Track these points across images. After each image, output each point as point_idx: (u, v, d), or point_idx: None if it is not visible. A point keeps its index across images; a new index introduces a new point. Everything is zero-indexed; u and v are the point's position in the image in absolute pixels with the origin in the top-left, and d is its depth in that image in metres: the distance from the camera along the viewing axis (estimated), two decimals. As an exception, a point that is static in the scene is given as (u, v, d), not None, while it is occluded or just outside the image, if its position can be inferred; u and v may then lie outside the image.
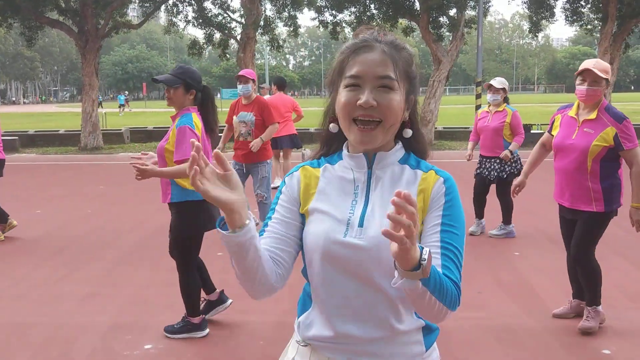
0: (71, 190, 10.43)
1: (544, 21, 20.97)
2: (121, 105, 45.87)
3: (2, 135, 18.13)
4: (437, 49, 18.43)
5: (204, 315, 4.12)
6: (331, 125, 1.49)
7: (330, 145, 1.52)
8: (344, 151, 1.49)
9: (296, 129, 9.94)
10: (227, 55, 21.57)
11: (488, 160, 6.52)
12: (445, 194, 1.41)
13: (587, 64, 3.78)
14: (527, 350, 3.83)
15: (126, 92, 66.28)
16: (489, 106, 6.58)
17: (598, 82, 3.73)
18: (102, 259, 5.99)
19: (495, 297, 4.81)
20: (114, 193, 9.91)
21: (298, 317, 1.54)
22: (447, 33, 19.57)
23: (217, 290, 4.30)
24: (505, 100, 6.49)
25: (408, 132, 1.47)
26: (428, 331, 1.48)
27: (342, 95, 1.39)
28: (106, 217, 8.04)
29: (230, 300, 4.32)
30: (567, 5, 19.92)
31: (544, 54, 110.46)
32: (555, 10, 20.35)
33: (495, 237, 6.57)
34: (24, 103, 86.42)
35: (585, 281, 4.02)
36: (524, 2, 20.10)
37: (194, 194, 3.71)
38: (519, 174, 6.38)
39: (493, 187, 6.67)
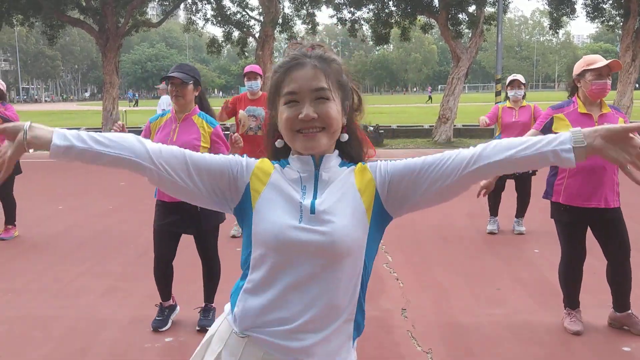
0: (92, 187, 10.56)
1: (564, 17, 20.74)
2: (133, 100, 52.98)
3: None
4: (456, 46, 18.34)
5: None
6: (277, 141, 1.55)
7: (277, 157, 1.58)
8: (291, 156, 1.54)
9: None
10: (246, 54, 21.68)
11: None
12: (383, 165, 1.52)
13: (602, 59, 3.76)
14: (545, 347, 3.80)
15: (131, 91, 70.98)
16: (508, 102, 6.56)
17: (610, 76, 3.74)
18: (123, 254, 6.06)
19: (513, 293, 4.79)
20: (134, 189, 10.01)
21: (233, 310, 1.54)
22: (466, 30, 19.45)
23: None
24: (524, 96, 6.51)
25: (344, 137, 1.55)
26: (356, 326, 1.54)
27: (283, 111, 1.47)
28: (127, 212, 8.12)
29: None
30: (588, 1, 19.68)
31: (565, 51, 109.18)
32: (576, 6, 20.11)
33: (521, 233, 6.54)
34: (45, 101, 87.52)
35: (628, 284, 3.94)
36: (544, -1, 19.89)
37: None
38: (533, 173, 6.40)
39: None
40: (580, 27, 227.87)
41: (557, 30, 20.65)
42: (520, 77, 6.51)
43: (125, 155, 1.45)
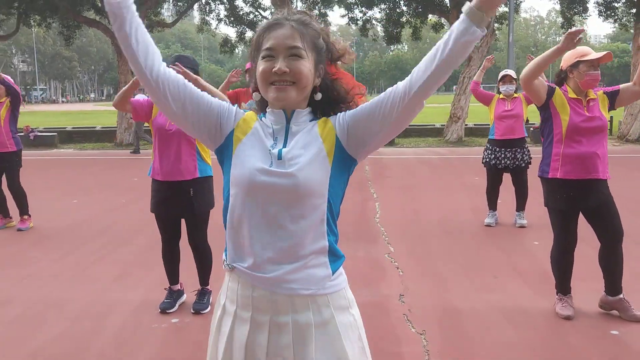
0: (106, 183, 10.82)
1: (577, 17, 20.71)
2: None
3: (42, 132, 18.82)
4: (467, 46, 18.41)
5: None
6: (254, 94, 1.73)
7: (262, 109, 1.76)
8: (267, 109, 1.72)
9: None
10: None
11: (505, 147, 6.61)
12: (341, 115, 1.69)
13: (592, 51, 3.93)
14: (537, 330, 3.94)
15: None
16: (500, 96, 6.73)
17: (597, 66, 3.94)
18: (134, 244, 6.28)
19: (511, 281, 4.92)
20: (146, 185, 10.21)
21: (226, 251, 1.73)
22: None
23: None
24: (515, 91, 6.71)
25: (318, 95, 1.71)
26: (333, 257, 1.68)
27: (260, 65, 1.64)
28: (139, 206, 8.34)
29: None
30: (601, 0, 19.64)
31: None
32: (588, 5, 20.07)
33: (523, 226, 6.68)
34: (62, 102, 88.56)
35: (619, 267, 4.05)
36: (556, -2, 19.86)
37: (211, 169, 4.17)
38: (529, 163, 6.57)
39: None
40: (597, 27, 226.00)
41: (569, 29, 20.57)
42: (511, 73, 6.71)
43: (145, 47, 1.64)
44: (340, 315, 1.66)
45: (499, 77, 6.78)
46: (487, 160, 6.77)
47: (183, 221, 4.36)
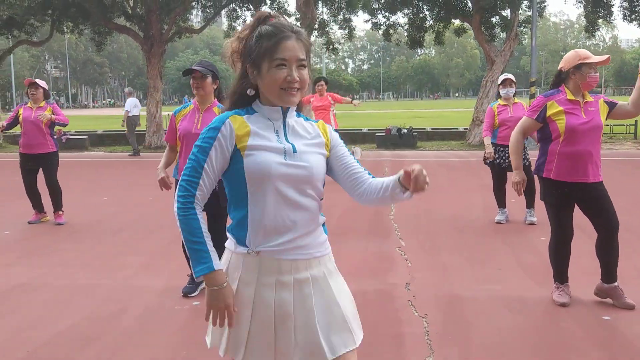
0: (135, 182, 11.28)
1: (601, 20, 20.66)
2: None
3: (74, 135, 19.45)
4: (490, 50, 18.54)
5: None
6: (249, 90, 2.01)
7: (243, 104, 2.04)
8: (260, 106, 2.01)
9: (349, 129, 10.50)
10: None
11: (508, 148, 6.82)
12: (334, 139, 2.13)
13: (592, 55, 4.15)
14: (534, 317, 4.16)
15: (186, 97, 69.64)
16: (501, 100, 6.95)
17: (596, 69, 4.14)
18: (159, 237, 6.64)
19: (513, 274, 5.14)
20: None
21: (236, 240, 2.01)
22: (502, 33, 19.61)
23: None
24: (514, 94, 6.97)
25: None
26: (323, 226, 2.11)
27: (274, 72, 1.91)
28: (165, 202, 8.71)
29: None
30: (625, 4, 19.59)
31: (612, 55, 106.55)
32: (612, 9, 20.01)
33: (533, 223, 6.88)
34: (93, 107, 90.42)
35: (615, 256, 4.27)
36: (579, 2, 19.84)
37: None
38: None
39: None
40: (629, 31, 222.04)
41: (593, 33, 20.56)
42: (511, 76, 7.02)
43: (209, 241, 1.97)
44: (336, 268, 2.12)
45: (499, 81, 7.05)
46: (496, 162, 7.00)
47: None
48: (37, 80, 7.48)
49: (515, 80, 7.03)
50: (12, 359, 3.61)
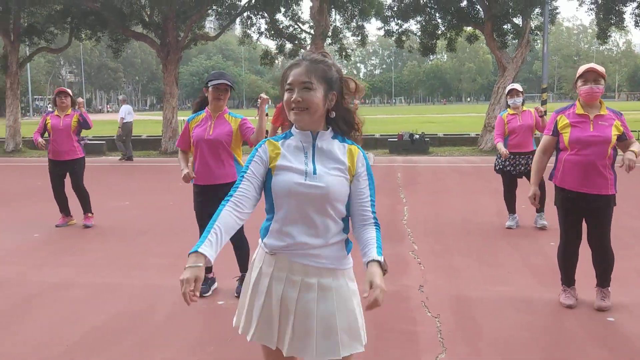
0: (153, 186, 11.60)
1: (613, 27, 20.75)
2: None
3: (91, 140, 19.85)
4: (501, 56, 18.71)
5: None
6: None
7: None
8: (296, 131, 2.29)
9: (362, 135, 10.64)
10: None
11: (519, 156, 7.08)
12: (367, 166, 2.30)
13: (588, 65, 4.33)
14: (540, 317, 4.38)
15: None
16: (510, 109, 7.17)
17: (598, 81, 4.28)
18: (180, 239, 6.93)
19: (522, 276, 5.36)
20: (190, 188, 10.94)
21: (263, 240, 2.32)
22: (514, 40, 19.78)
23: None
24: (523, 102, 7.16)
25: (332, 114, 2.26)
26: (347, 243, 2.32)
27: (285, 96, 2.22)
28: (186, 205, 8.98)
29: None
30: (638, 11, 19.69)
31: (626, 60, 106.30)
32: (624, 15, 20.11)
33: (544, 227, 7.10)
34: (107, 111, 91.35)
35: (606, 264, 4.49)
36: (591, 9, 19.97)
37: None
38: None
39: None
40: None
41: (605, 40, 20.67)
42: (517, 86, 7.24)
43: (232, 231, 2.18)
44: (350, 284, 2.31)
45: (506, 91, 7.28)
46: (501, 167, 7.24)
47: None
48: (64, 89, 7.81)
49: (521, 90, 7.22)
50: (52, 352, 3.89)
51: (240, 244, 4.92)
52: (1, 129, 22.75)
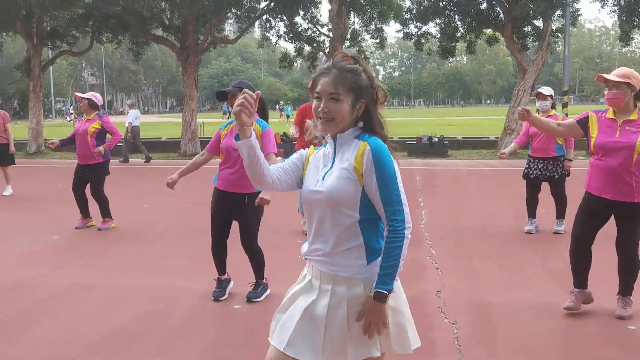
0: (174, 188, 11.63)
1: (636, 29, 20.48)
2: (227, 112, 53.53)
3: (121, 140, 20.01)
4: (521, 59, 18.55)
5: None
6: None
7: None
8: (329, 137, 2.33)
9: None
10: (317, 68, 22.62)
11: (540, 161, 7.00)
12: (373, 158, 2.18)
13: (607, 74, 4.28)
14: (560, 323, 4.33)
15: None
16: (538, 113, 7.08)
17: (617, 86, 4.20)
18: (198, 242, 6.94)
19: (542, 282, 5.30)
20: (208, 191, 10.98)
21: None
22: (535, 42, 19.61)
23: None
24: (553, 106, 7.02)
25: (360, 124, 2.28)
26: (369, 251, 2.25)
27: (313, 103, 2.26)
28: (203, 208, 8.99)
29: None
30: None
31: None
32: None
33: (558, 232, 7.01)
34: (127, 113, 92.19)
35: (630, 272, 4.42)
36: (613, 11, 19.71)
37: None
38: (568, 175, 6.91)
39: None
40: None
41: (628, 42, 20.38)
42: (544, 90, 7.07)
43: (265, 169, 2.26)
44: (366, 293, 2.24)
45: (535, 95, 7.18)
46: (526, 172, 7.16)
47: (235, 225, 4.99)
48: (79, 94, 7.85)
49: (549, 94, 7.02)
50: (71, 353, 3.93)
51: (254, 253, 4.95)
52: (24, 131, 23.07)
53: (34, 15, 20.01)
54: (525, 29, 18.97)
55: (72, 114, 34.79)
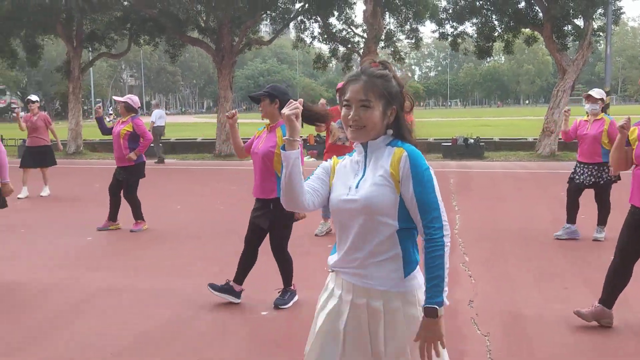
0: (206, 190, 11.74)
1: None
2: None
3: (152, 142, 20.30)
4: (561, 59, 18.12)
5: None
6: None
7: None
8: (357, 145, 2.23)
9: (416, 139, 10.47)
10: (353, 68, 22.53)
11: (586, 166, 6.76)
12: (411, 164, 2.11)
13: None
14: (598, 338, 4.15)
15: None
16: (587, 115, 6.84)
17: None
18: (229, 244, 6.92)
19: (580, 293, 5.11)
20: (243, 192, 11.02)
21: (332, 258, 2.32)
22: (575, 42, 19.15)
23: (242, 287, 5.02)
24: (604, 109, 6.76)
25: (389, 132, 2.21)
26: (407, 262, 2.15)
27: (342, 110, 2.19)
28: (235, 211, 9.07)
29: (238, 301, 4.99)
30: None
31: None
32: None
33: (597, 240, 6.78)
34: (166, 114, 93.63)
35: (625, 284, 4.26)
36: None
37: None
38: (614, 181, 6.65)
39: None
40: None
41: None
42: (594, 93, 6.78)
43: (303, 189, 2.19)
44: (408, 309, 2.15)
45: (585, 97, 6.93)
46: (572, 177, 6.95)
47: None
48: (118, 97, 7.96)
49: (599, 97, 6.73)
50: (101, 357, 3.94)
51: (282, 259, 4.89)
52: (64, 131, 23.58)
53: (73, 19, 20.46)
54: (565, 28, 18.54)
55: (111, 114, 35.38)
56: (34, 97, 11.10)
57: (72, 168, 16.74)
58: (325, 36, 21.25)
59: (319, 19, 21.02)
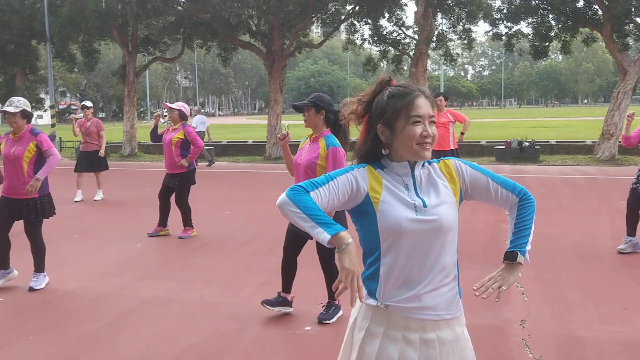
0: (255, 195, 11.79)
1: None
2: None
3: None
4: (622, 59, 17.41)
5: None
6: (384, 149, 2.08)
7: (366, 161, 2.12)
8: (389, 163, 2.08)
9: (466, 141, 10.29)
10: (402, 70, 22.28)
11: None
12: (461, 162, 2.15)
13: None
14: (661, 365, 3.91)
15: None
16: None
17: None
18: (276, 254, 6.89)
19: (641, 314, 4.84)
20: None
21: (372, 291, 2.05)
22: (637, 41, 18.39)
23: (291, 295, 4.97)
24: None
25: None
26: (458, 283, 2.11)
27: (411, 129, 2.01)
28: (282, 219, 9.04)
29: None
30: None
31: None
32: None
33: None
34: (219, 115, 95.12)
35: None
36: None
37: None
38: None
39: None
40: None
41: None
42: None
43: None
44: (465, 331, 2.12)
45: None
46: (635, 186, 6.59)
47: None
48: (169, 104, 8.06)
49: None
50: (144, 373, 3.96)
51: (328, 271, 4.81)
52: (119, 133, 24.20)
53: (129, 24, 21.01)
54: (627, 27, 17.80)
55: (166, 116, 36.09)
56: (88, 104, 11.41)
57: (126, 171, 17.13)
58: (376, 38, 21.07)
59: (369, 20, 20.86)
